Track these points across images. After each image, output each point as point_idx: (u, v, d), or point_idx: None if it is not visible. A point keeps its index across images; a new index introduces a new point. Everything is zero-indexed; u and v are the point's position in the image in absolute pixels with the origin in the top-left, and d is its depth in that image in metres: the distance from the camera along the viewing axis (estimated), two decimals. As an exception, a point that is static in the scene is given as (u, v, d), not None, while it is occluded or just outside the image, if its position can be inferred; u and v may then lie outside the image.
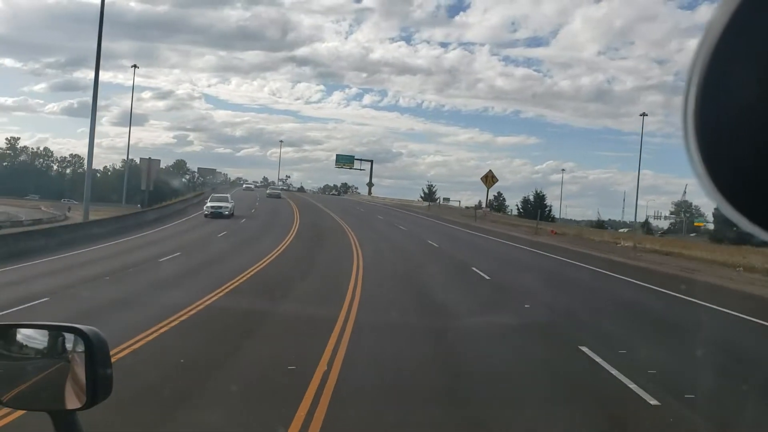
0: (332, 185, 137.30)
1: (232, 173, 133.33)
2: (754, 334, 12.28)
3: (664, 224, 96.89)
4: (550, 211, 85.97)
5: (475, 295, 15.37)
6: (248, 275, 16.45)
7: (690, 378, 7.98)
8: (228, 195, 41.50)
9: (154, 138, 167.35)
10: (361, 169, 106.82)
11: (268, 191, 69.65)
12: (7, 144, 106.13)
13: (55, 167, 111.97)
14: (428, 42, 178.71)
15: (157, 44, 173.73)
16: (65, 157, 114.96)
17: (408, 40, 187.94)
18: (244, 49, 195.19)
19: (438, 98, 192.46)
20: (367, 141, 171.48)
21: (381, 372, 8.21)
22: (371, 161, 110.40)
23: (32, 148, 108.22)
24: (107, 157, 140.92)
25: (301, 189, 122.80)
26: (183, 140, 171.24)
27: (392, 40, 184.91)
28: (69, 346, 1.67)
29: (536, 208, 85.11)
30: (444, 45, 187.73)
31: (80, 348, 1.62)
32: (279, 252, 22.48)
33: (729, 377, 8.26)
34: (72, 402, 1.61)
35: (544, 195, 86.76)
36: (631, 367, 8.26)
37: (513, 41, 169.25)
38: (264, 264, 19.02)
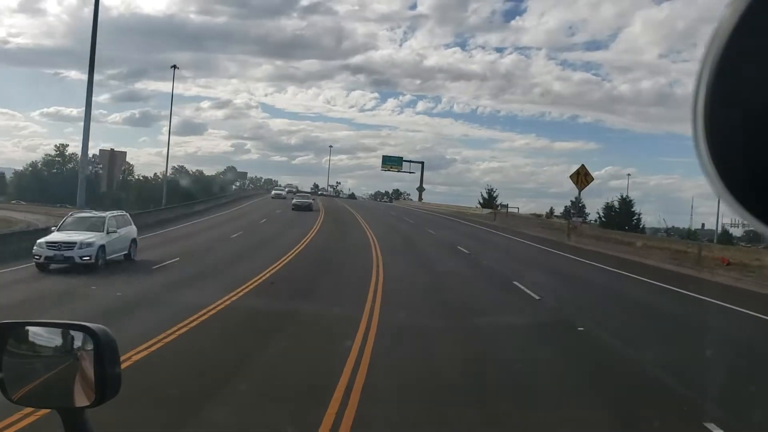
0: (384, 192, 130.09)
1: (287, 180, 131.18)
2: None
3: (738, 232, 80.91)
4: (639, 219, 70.53)
5: None
6: None
7: None
8: (106, 216, 18.44)
9: (212, 146, 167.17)
10: (410, 172, 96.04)
11: (294, 201, 50.14)
12: (56, 151, 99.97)
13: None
14: (483, 47, 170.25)
15: (216, 55, 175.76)
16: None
17: (463, 45, 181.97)
18: (300, 58, 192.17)
19: (493, 104, 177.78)
20: (421, 147, 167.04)
21: None
22: (422, 163, 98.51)
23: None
24: (218, 170, 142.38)
25: (352, 196, 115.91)
26: (240, 149, 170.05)
27: (447, 46, 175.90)
28: (78, 344, 1.68)
29: (623, 216, 70.25)
30: (499, 50, 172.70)
31: (89, 346, 1.63)
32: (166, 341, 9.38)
33: None
34: (81, 400, 1.62)
35: (632, 201, 71.34)
36: None
37: (571, 45, 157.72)
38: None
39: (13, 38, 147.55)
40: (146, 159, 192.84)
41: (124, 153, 36.51)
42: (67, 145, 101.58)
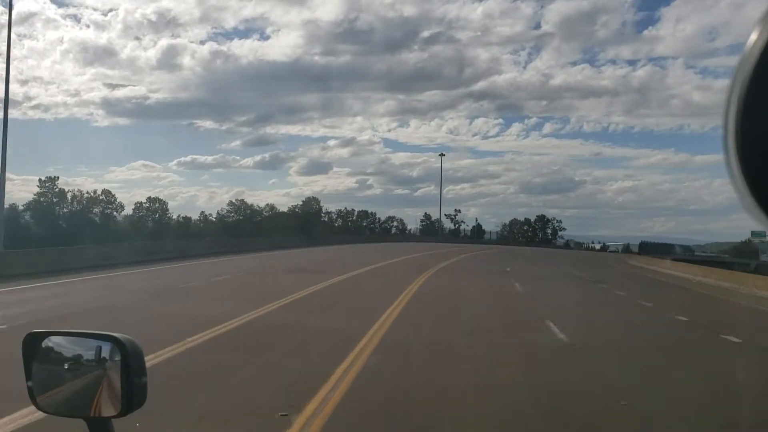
0: (522, 220, 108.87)
1: (408, 213, 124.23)
2: None
3: None
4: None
5: None
6: None
7: None
8: None
9: (337, 184, 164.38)
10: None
11: None
12: (41, 187, 73.87)
13: (128, 214, 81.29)
14: (614, 62, 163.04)
15: (341, 94, 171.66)
16: (141, 203, 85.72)
17: (591, 61, 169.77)
18: (421, 91, 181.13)
19: (626, 120, 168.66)
20: (548, 171, 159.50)
21: None
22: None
23: (87, 194, 77.54)
24: (294, 204, 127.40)
25: (478, 230, 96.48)
26: (363, 184, 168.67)
27: (574, 63, 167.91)
28: (106, 354, 1.70)
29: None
30: (632, 63, 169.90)
31: (117, 356, 1.66)
32: None
33: None
34: (108, 410, 1.65)
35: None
36: None
37: (711, 51, 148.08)
38: None
39: (153, 93, 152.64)
40: (274, 200, 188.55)
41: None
42: (57, 178, 75.49)
